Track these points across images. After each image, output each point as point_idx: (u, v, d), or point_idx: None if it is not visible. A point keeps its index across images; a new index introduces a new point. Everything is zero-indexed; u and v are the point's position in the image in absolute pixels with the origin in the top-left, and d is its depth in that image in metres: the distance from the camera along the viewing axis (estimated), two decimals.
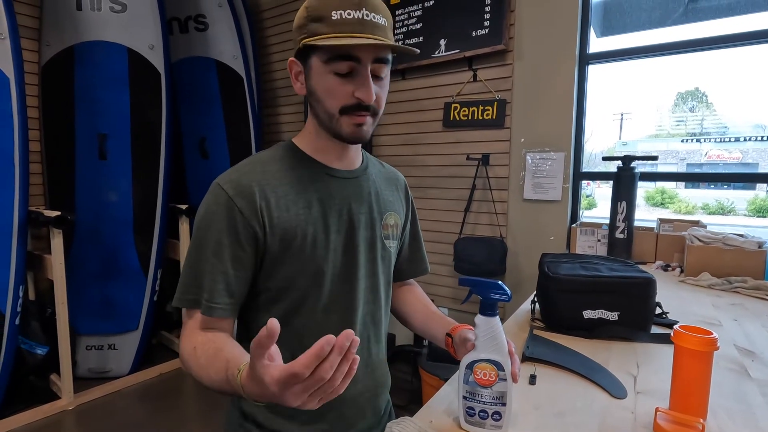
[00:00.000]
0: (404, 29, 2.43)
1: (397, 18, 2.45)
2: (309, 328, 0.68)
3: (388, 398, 0.84)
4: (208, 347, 0.59)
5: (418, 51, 0.68)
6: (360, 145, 0.74)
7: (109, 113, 2.35)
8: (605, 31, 2.25)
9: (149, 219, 2.47)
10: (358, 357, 0.43)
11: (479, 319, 0.61)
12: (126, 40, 2.33)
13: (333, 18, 0.59)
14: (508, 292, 0.60)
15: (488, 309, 0.61)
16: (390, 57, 0.66)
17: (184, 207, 2.59)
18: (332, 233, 0.69)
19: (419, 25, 2.37)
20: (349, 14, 0.59)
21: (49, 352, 2.22)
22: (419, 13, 2.37)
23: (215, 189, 0.65)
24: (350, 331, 0.42)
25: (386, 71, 0.66)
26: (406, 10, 2.41)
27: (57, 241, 2.10)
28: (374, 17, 0.61)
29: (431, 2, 2.33)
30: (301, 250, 0.66)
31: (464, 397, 0.62)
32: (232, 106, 2.82)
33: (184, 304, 0.64)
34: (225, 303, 0.63)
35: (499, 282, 0.61)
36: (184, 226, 2.61)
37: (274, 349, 0.45)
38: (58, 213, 2.06)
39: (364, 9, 0.60)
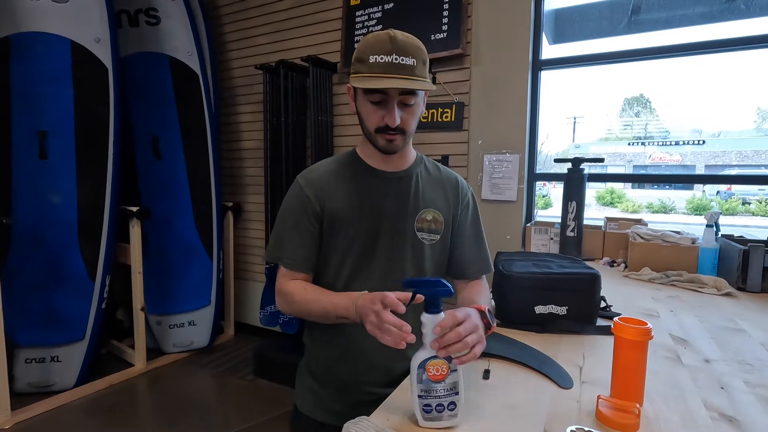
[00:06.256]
0: (364, 30, 2.44)
1: (357, 19, 2.46)
2: (339, 289, 0.89)
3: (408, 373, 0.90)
4: (315, 288, 0.88)
5: (434, 87, 0.89)
6: (409, 151, 0.94)
7: (50, 110, 2.20)
8: (557, 38, 2.36)
9: (96, 222, 2.33)
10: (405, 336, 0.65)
11: (425, 317, 0.63)
12: (69, 32, 2.19)
13: (370, 61, 0.78)
14: (450, 286, 0.62)
15: (433, 306, 0.63)
16: (416, 89, 0.80)
17: (135, 209, 2.47)
18: (363, 219, 0.88)
19: (379, 27, 2.39)
20: (382, 58, 0.78)
21: None
22: (379, 14, 2.39)
23: (295, 182, 0.91)
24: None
25: (414, 100, 0.82)
26: (366, 11, 2.42)
27: None
28: (402, 59, 0.78)
29: (391, 5, 2.35)
30: (338, 230, 0.88)
31: (420, 396, 0.63)
32: (187, 105, 2.71)
33: (268, 258, 0.91)
34: (300, 261, 0.89)
35: (440, 278, 0.63)
36: (135, 230, 2.49)
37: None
38: None
39: (394, 54, 0.78)
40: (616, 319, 0.68)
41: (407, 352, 0.88)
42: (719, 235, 1.63)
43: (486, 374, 0.80)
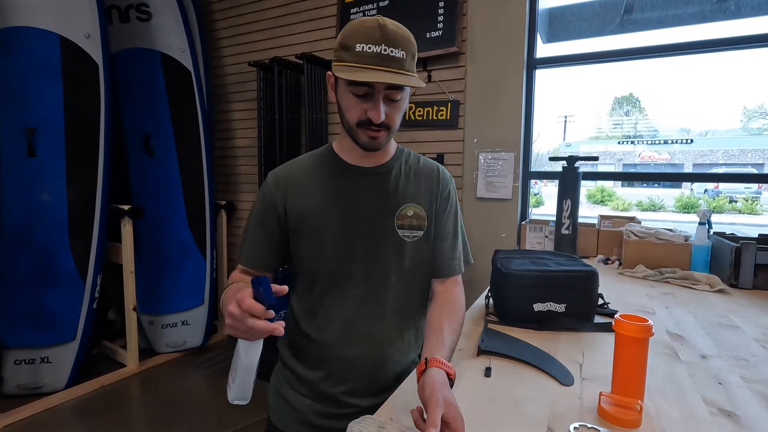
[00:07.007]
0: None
1: (352, 16, 2.45)
2: (316, 295, 0.86)
3: (397, 377, 0.88)
4: (235, 278, 0.84)
5: (424, 84, 0.81)
6: (389, 144, 0.88)
7: (39, 107, 2.16)
8: (550, 37, 2.37)
9: (87, 220, 2.29)
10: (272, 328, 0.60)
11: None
12: (58, 27, 2.15)
13: (356, 50, 0.71)
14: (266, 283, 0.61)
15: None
16: (406, 85, 0.74)
17: (126, 208, 2.43)
18: (337, 219, 0.82)
19: None
20: (369, 48, 0.71)
21: None
22: (374, 12, 2.38)
23: (266, 179, 0.87)
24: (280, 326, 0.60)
25: (400, 95, 0.76)
26: (361, 8, 2.41)
27: None
28: (392, 51, 0.72)
29: (386, 2, 2.34)
30: (309, 232, 0.83)
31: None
32: (179, 102, 2.68)
33: (237, 254, 0.89)
34: (255, 259, 0.86)
35: (264, 278, 0.61)
36: (126, 228, 2.45)
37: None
38: None
39: (383, 44, 0.71)
40: (617, 315, 0.68)
41: (394, 357, 0.87)
42: (711, 233, 1.65)
43: (487, 372, 0.80)
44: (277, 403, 0.93)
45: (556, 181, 1.89)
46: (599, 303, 1.12)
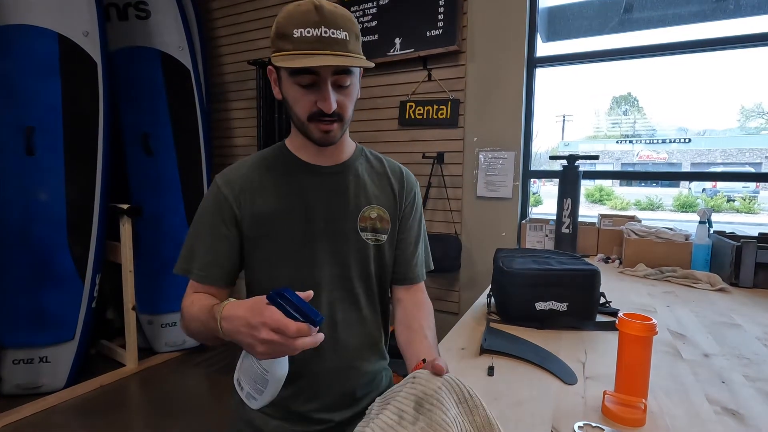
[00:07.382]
0: (359, 26, 2.42)
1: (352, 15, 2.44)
2: None
3: (368, 386, 0.85)
4: (203, 299, 0.72)
5: (373, 64, 0.72)
6: (346, 142, 0.82)
7: (37, 105, 2.15)
8: (550, 36, 2.36)
9: (86, 219, 2.28)
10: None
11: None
12: (56, 25, 2.14)
13: (294, 36, 0.65)
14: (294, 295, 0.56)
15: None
16: (353, 66, 0.69)
17: (125, 207, 2.42)
18: (295, 222, 0.76)
19: (374, 23, 2.37)
20: (308, 32, 0.65)
21: None
22: (374, 10, 2.37)
23: (213, 182, 0.79)
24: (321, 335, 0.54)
25: (350, 80, 0.70)
26: (361, 7, 2.40)
27: None
28: (333, 33, 0.66)
29: (386, 1, 2.33)
30: (267, 236, 0.76)
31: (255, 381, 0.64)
32: (178, 101, 2.67)
33: (177, 271, 0.77)
34: (213, 273, 0.76)
35: (285, 290, 0.56)
36: (125, 227, 2.44)
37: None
38: None
39: (322, 27, 0.65)
40: (620, 314, 0.68)
41: (365, 366, 0.83)
42: (711, 232, 1.65)
43: (490, 371, 0.80)
44: (239, 426, 0.86)
45: (555, 180, 1.89)
46: (601, 302, 1.11)
